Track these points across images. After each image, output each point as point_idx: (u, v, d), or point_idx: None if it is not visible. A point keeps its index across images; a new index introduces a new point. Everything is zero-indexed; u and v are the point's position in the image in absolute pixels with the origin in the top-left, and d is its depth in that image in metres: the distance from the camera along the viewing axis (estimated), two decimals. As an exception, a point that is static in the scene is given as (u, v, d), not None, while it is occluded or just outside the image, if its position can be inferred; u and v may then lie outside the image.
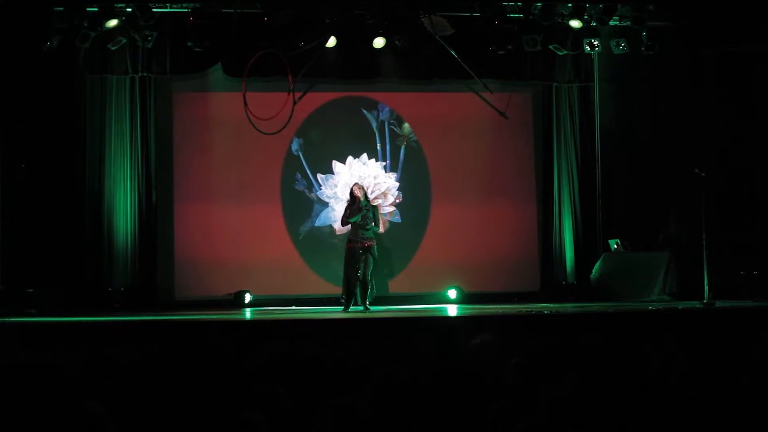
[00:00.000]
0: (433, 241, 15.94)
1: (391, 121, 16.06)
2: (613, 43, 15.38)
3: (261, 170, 15.72)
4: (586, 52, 15.53)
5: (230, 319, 12.58)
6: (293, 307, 14.67)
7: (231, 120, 15.16)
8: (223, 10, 14.57)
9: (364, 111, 16.01)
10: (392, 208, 15.93)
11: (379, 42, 14.93)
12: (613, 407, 4.19)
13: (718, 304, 12.65)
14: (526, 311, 12.80)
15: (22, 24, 13.93)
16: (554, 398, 4.19)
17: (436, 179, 16.11)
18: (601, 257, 15.22)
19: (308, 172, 15.79)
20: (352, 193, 14.00)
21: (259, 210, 15.68)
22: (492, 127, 16.05)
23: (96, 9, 14.28)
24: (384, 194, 15.87)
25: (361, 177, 15.61)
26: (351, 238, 13.89)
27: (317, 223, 15.77)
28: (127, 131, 15.30)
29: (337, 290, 14.69)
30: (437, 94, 16.18)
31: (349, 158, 15.83)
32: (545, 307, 13.63)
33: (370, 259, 13.79)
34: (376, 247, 13.92)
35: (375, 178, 15.84)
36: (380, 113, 16.04)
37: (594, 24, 15.30)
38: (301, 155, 15.81)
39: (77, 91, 15.11)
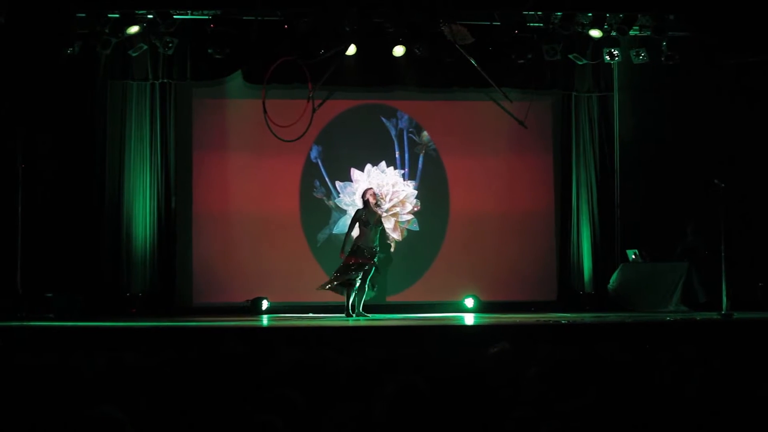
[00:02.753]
0: (450, 249, 15.93)
1: (410, 129, 16.07)
2: (633, 52, 15.36)
3: (280, 177, 15.76)
4: (606, 61, 15.52)
5: (247, 325, 12.59)
6: (310, 315, 14.66)
7: (250, 127, 15.22)
8: (244, 18, 14.63)
9: (383, 119, 16.03)
10: (410, 216, 15.93)
11: (398, 50, 14.93)
12: (630, 418, 4.18)
13: (737, 315, 12.59)
14: (543, 321, 12.77)
15: (44, 30, 14.01)
16: (572, 408, 4.19)
17: (455, 187, 16.11)
18: (619, 267, 15.18)
19: (327, 179, 15.82)
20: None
21: (278, 217, 15.70)
22: (511, 135, 16.05)
23: (117, 15, 14.36)
24: (402, 202, 15.88)
25: (380, 185, 15.63)
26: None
27: (335, 231, 15.77)
28: (147, 137, 15.37)
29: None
30: (456, 102, 16.20)
31: (368, 166, 15.85)
32: (563, 316, 13.59)
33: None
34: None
35: (393, 186, 15.85)
36: (399, 121, 16.05)
37: (614, 33, 15.27)
38: (320, 162, 15.84)
39: (98, 96, 15.17)
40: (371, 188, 14.25)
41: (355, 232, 13.92)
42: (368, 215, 13.79)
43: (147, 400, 4.61)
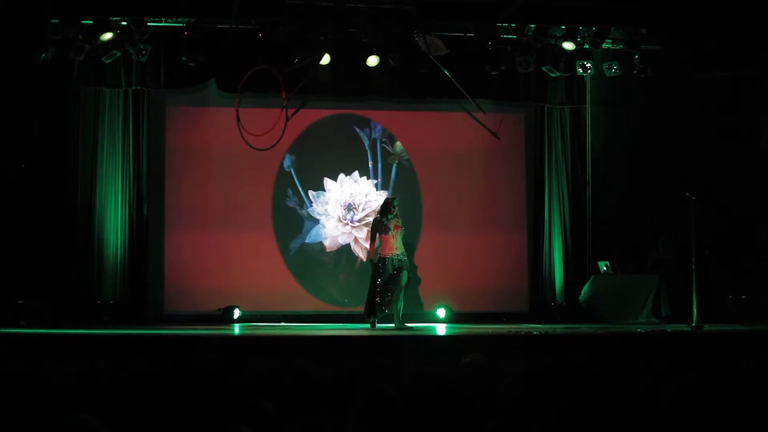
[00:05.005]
0: (422, 259, 15.91)
1: (384, 139, 16.08)
2: (605, 65, 15.44)
3: (253, 186, 15.72)
4: (579, 74, 15.57)
5: (219, 334, 12.55)
6: (282, 324, 14.63)
7: (224, 135, 15.17)
8: (218, 26, 14.60)
9: (357, 129, 16.04)
10: (383, 226, 15.92)
11: (372, 60, 14.96)
12: (602, 428, 4.20)
13: (707, 327, 12.67)
14: (515, 331, 12.79)
15: (17, 35, 13.93)
16: (545, 418, 4.21)
17: (427, 197, 16.12)
18: (591, 279, 15.22)
19: (300, 188, 15.80)
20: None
21: (250, 226, 15.66)
22: (484, 147, 16.09)
23: (91, 22, 14.29)
24: (375, 212, 15.87)
25: (353, 194, 15.63)
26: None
27: (308, 240, 15.76)
28: (120, 144, 15.29)
29: (324, 307, 14.76)
30: (430, 113, 16.22)
31: (341, 175, 15.85)
32: (534, 327, 13.61)
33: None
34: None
35: (366, 195, 15.84)
36: (373, 131, 16.06)
37: (587, 46, 15.33)
38: (293, 172, 15.81)
39: (71, 103, 15.10)
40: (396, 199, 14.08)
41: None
42: (389, 221, 13.61)
43: (120, 408, 4.59)
